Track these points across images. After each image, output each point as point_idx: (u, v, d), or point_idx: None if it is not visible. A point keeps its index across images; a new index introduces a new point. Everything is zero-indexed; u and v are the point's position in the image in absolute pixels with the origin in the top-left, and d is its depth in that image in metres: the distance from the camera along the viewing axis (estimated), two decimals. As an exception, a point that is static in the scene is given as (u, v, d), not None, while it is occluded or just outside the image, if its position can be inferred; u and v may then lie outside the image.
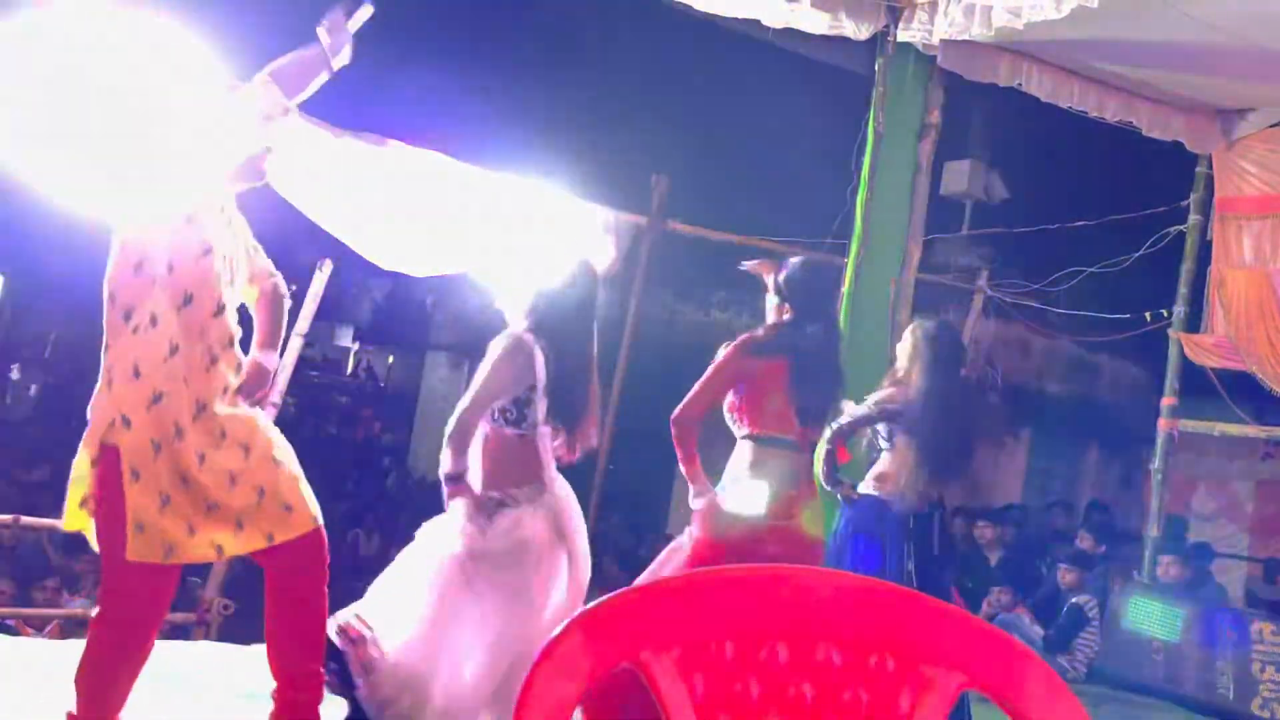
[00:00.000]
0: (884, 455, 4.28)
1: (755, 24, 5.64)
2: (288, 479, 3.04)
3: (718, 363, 3.78)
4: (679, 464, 3.73)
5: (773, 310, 3.95)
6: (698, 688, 1.60)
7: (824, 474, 4.18)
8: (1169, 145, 6.81)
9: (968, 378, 5.30)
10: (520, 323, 3.48)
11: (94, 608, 2.92)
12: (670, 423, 3.72)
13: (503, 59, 12.07)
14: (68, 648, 4.29)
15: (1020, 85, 6.13)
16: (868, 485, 4.26)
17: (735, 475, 3.73)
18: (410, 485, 14.04)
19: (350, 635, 3.29)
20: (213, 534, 2.89)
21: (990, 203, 11.03)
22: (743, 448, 3.76)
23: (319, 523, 3.06)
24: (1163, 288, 7.33)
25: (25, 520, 5.51)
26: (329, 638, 3.24)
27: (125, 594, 2.86)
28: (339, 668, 3.25)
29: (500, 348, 3.38)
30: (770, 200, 10.00)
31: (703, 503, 3.69)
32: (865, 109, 5.99)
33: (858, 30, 5.71)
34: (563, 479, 3.55)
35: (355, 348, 25.05)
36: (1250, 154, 6.86)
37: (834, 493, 4.25)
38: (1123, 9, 5.11)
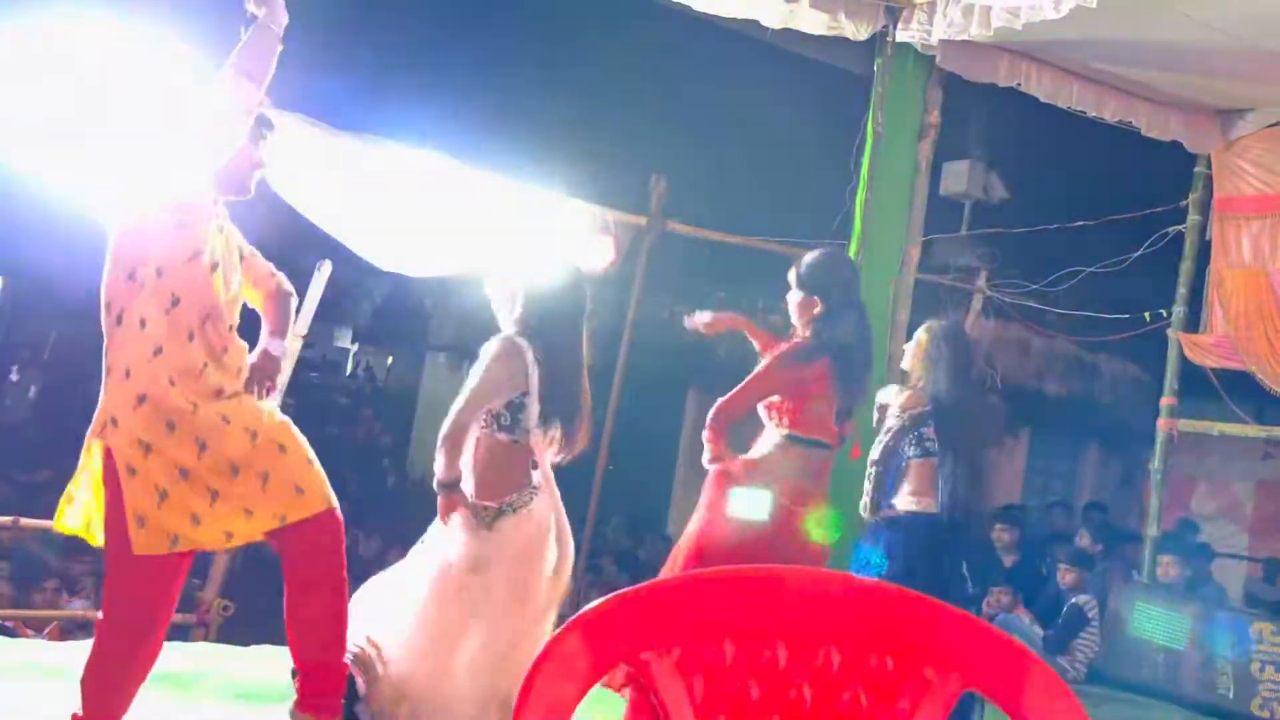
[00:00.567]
0: (913, 466, 4.07)
1: (754, 24, 5.63)
2: (298, 462, 3.05)
3: (764, 371, 3.77)
4: (706, 444, 3.73)
5: (796, 307, 3.91)
6: (698, 689, 1.60)
7: (870, 502, 4.05)
8: (1168, 145, 6.80)
9: (980, 378, 5.24)
10: (511, 325, 3.47)
11: (97, 610, 2.94)
12: (711, 414, 3.71)
13: (501, 59, 12.07)
14: (67, 649, 4.30)
15: (1019, 85, 6.12)
16: (907, 502, 4.04)
17: (759, 459, 3.74)
18: (410, 486, 14.06)
19: (362, 659, 3.29)
20: (220, 522, 2.92)
21: (989, 203, 11.04)
22: (775, 438, 3.76)
23: (333, 504, 3.07)
24: (1162, 288, 7.33)
25: (25, 522, 5.51)
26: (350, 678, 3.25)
27: (130, 592, 2.88)
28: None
29: (493, 351, 3.36)
30: (769, 201, 10.01)
31: (718, 466, 3.70)
32: (864, 109, 5.99)
33: (857, 30, 5.71)
34: (549, 475, 3.54)
35: (354, 349, 25.04)
36: (1249, 154, 6.86)
37: (876, 519, 4.06)
38: (1121, 9, 5.11)
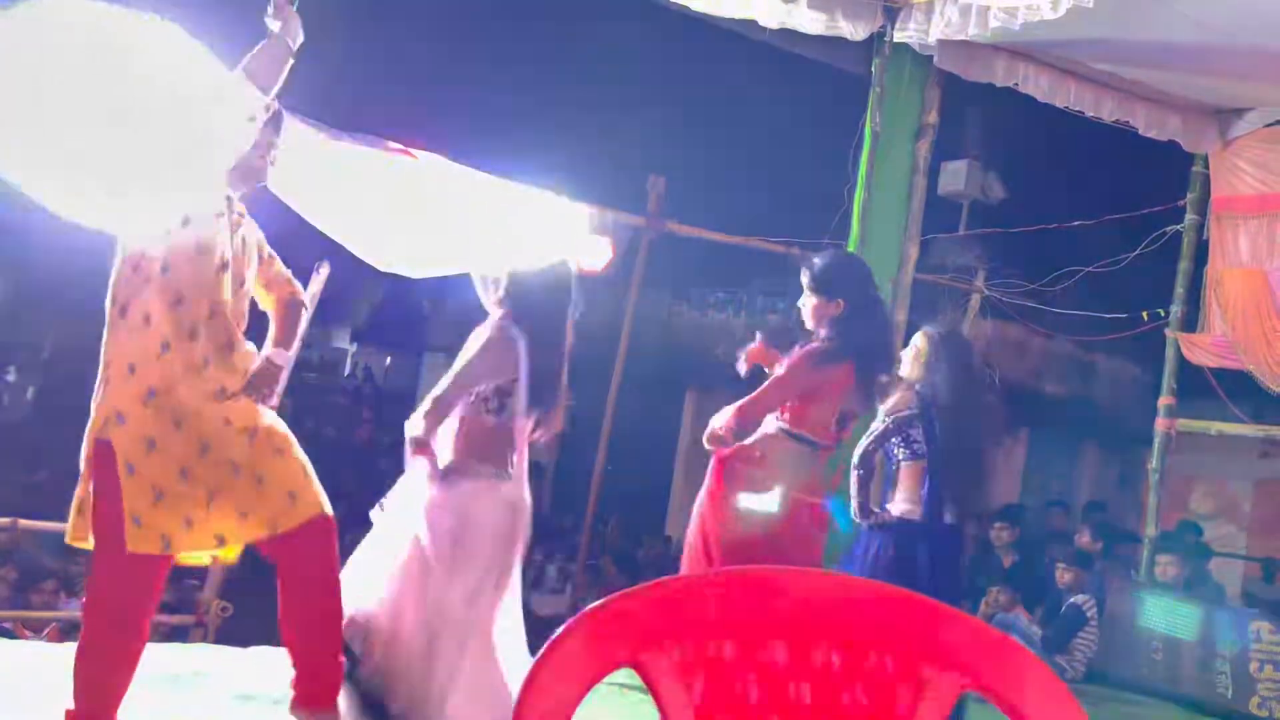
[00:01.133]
0: (904, 470, 4.07)
1: (752, 25, 5.63)
2: (294, 467, 3.05)
3: (787, 375, 3.73)
4: (719, 443, 3.72)
5: (810, 310, 3.87)
6: (697, 689, 1.60)
7: (857, 507, 4.01)
8: (1165, 145, 6.81)
9: (978, 381, 5.23)
10: (497, 312, 3.49)
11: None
12: (731, 417, 3.68)
13: (500, 60, 12.07)
14: (66, 650, 4.28)
15: (1017, 85, 6.13)
16: (898, 506, 4.03)
17: (754, 443, 3.74)
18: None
19: (352, 627, 3.31)
20: (214, 524, 2.91)
21: (987, 203, 11.04)
22: (770, 428, 3.76)
23: (326, 510, 3.07)
24: (1160, 287, 7.34)
25: (23, 523, 5.51)
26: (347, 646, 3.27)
27: (115, 589, 2.88)
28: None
29: (485, 337, 3.41)
30: (767, 201, 10.02)
31: (715, 447, 3.71)
32: (862, 109, 6.00)
33: (854, 31, 5.72)
34: (524, 466, 3.53)
35: (353, 349, 25.04)
36: (1246, 153, 6.87)
37: (866, 523, 4.03)
38: (1118, 9, 5.12)
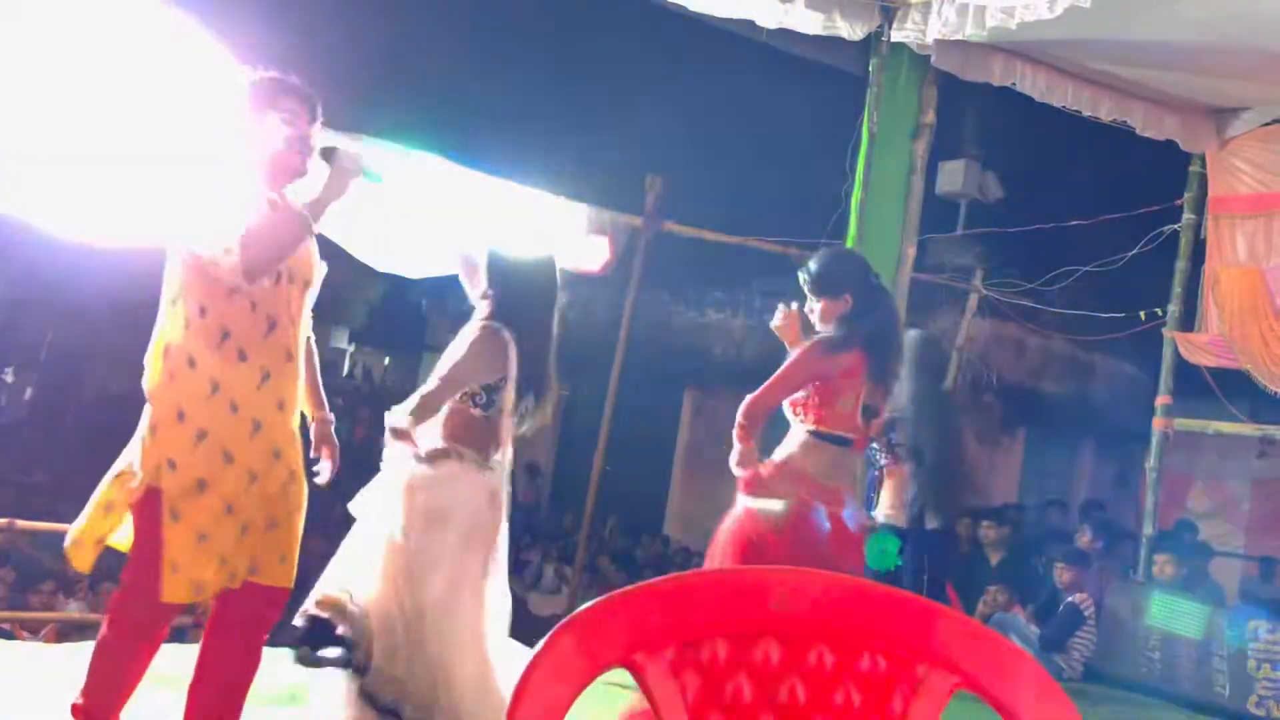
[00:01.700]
0: (888, 475, 4.13)
1: (749, 24, 5.64)
2: (296, 531, 3.01)
3: (794, 363, 3.71)
4: (736, 442, 3.68)
5: (820, 313, 3.84)
6: (690, 688, 1.61)
7: None
8: (1163, 144, 6.81)
9: (951, 386, 5.28)
10: (484, 308, 3.48)
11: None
12: (741, 412, 3.66)
13: (498, 60, 12.07)
14: (64, 651, 4.29)
15: (1014, 85, 6.13)
16: (882, 512, 4.08)
17: (786, 459, 3.69)
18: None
19: (333, 604, 3.27)
20: (236, 561, 2.86)
21: (985, 202, 11.05)
22: (798, 436, 3.71)
23: (290, 586, 3.02)
24: (1157, 287, 7.34)
25: (21, 524, 5.50)
26: (320, 616, 3.24)
27: (144, 619, 2.86)
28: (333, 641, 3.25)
29: (474, 337, 3.39)
30: (765, 200, 10.02)
31: (747, 472, 3.66)
32: (860, 109, 6.00)
33: (852, 30, 5.72)
34: (505, 468, 3.52)
35: (351, 349, 25.06)
36: (1244, 153, 6.87)
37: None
38: (1116, 9, 5.12)
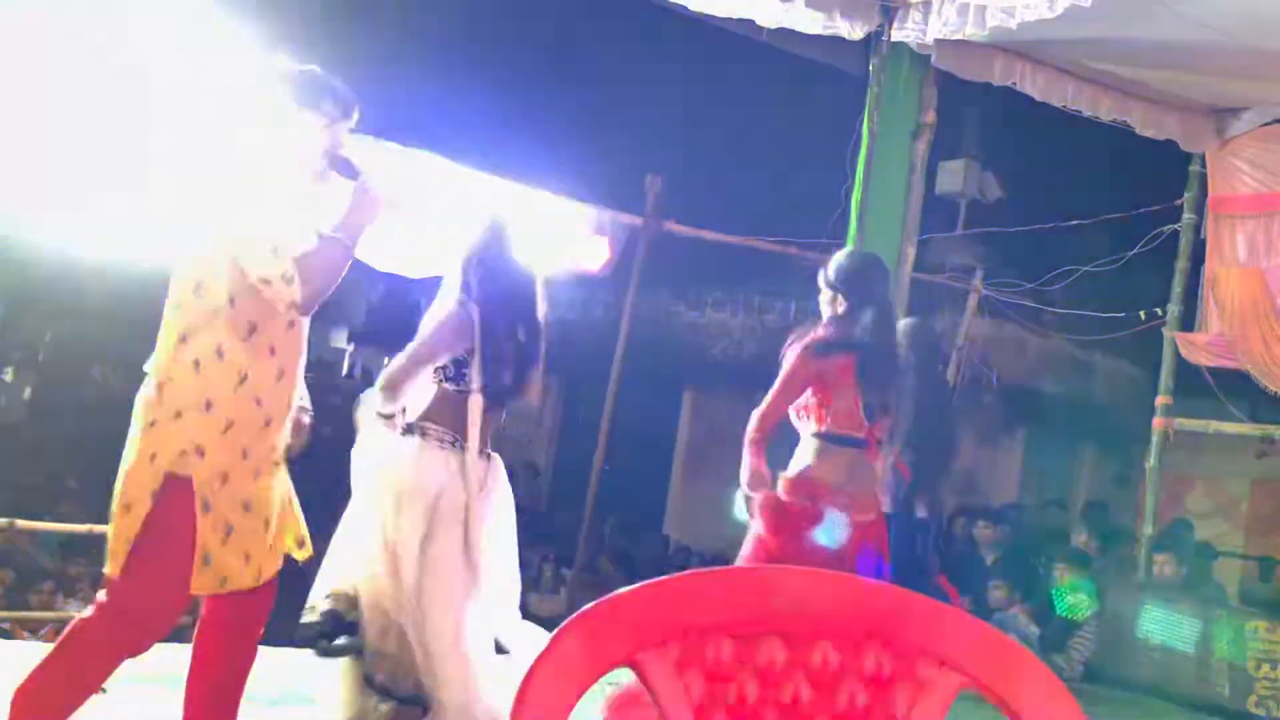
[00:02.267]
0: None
1: (749, 24, 5.64)
2: (283, 525, 2.97)
3: (790, 369, 3.74)
4: (746, 456, 3.69)
5: (826, 305, 3.91)
6: (695, 687, 1.60)
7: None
8: (1163, 144, 6.81)
9: (943, 375, 5.30)
10: (456, 287, 3.48)
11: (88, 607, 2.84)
12: (752, 426, 3.70)
13: (498, 59, 12.06)
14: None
15: (1014, 84, 6.13)
16: None
17: (800, 471, 3.70)
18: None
19: (344, 596, 3.32)
20: (262, 559, 2.84)
21: (985, 202, 11.04)
22: (809, 444, 3.74)
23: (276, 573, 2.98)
24: (1157, 286, 7.34)
25: (21, 523, 5.50)
26: (333, 611, 3.27)
27: (158, 616, 2.79)
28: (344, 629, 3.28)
29: (441, 312, 3.42)
30: (765, 200, 10.01)
31: (761, 495, 3.67)
32: (860, 109, 6.00)
33: (852, 30, 5.72)
34: (501, 470, 3.52)
35: (350, 349, 25.04)
36: (1244, 153, 6.87)
37: None
38: (1116, 9, 5.12)
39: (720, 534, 8.43)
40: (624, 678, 1.68)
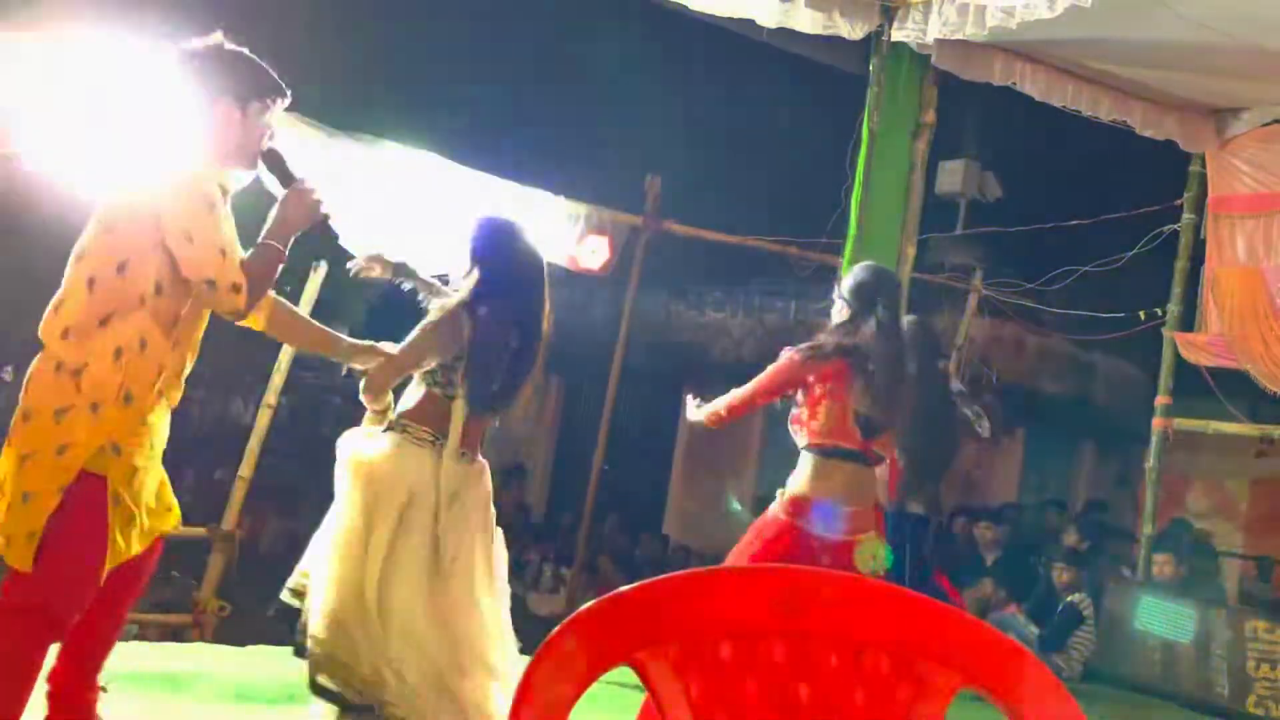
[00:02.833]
0: None
1: (749, 24, 5.64)
2: (164, 478, 2.92)
3: (776, 366, 3.75)
4: (704, 421, 3.82)
5: (837, 314, 3.92)
6: (694, 688, 1.60)
7: None
8: (1163, 144, 6.81)
9: (944, 372, 5.29)
10: (465, 288, 3.45)
11: None
12: (725, 404, 3.78)
13: (498, 59, 12.06)
14: (54, 651, 4.27)
15: (1014, 84, 6.13)
16: None
17: (800, 488, 3.67)
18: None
19: (302, 593, 3.28)
20: (132, 533, 2.75)
21: (985, 202, 11.03)
22: (805, 460, 3.71)
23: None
24: (1157, 286, 7.34)
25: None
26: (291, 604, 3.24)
27: (61, 604, 2.66)
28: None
29: (432, 316, 3.39)
30: (765, 200, 10.02)
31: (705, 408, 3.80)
32: (860, 108, 5.99)
33: (852, 30, 5.71)
34: (486, 477, 3.46)
35: (350, 349, 25.02)
36: (1244, 153, 6.87)
37: None
38: (1116, 8, 5.12)
39: (720, 534, 8.43)
40: (624, 677, 1.67)
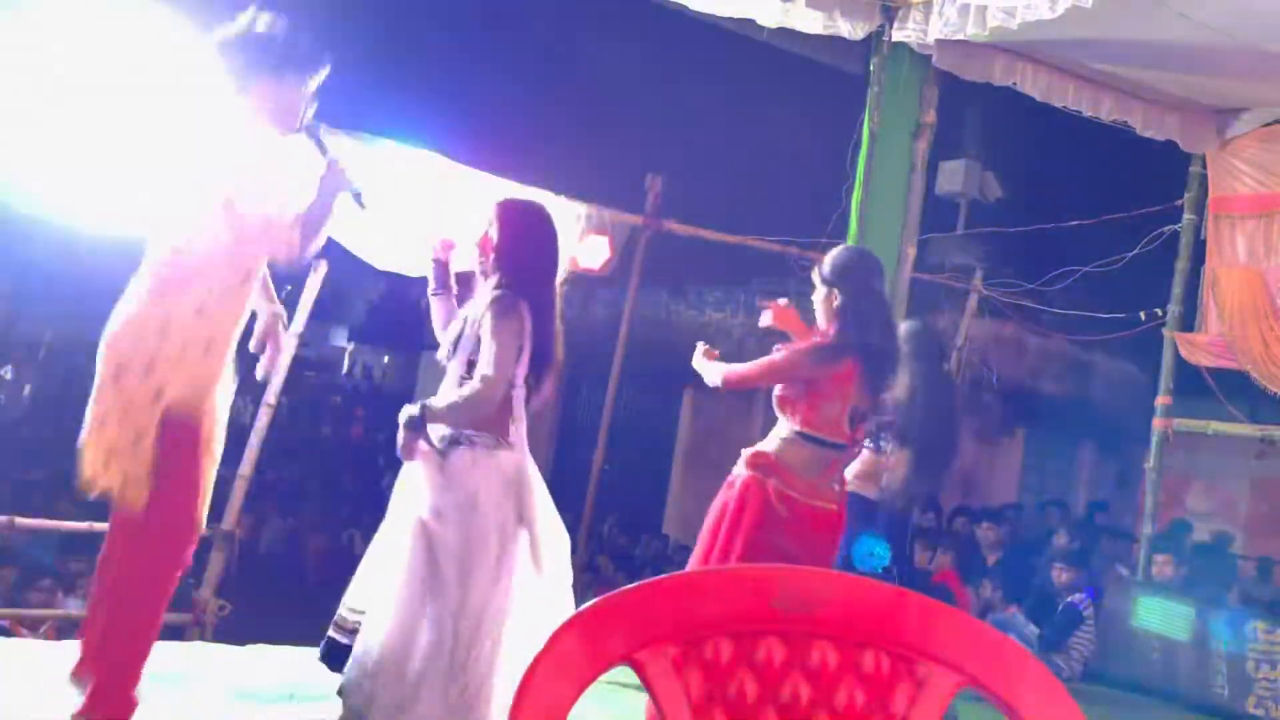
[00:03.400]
0: (864, 452, 4.26)
1: (750, 24, 5.64)
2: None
3: (783, 362, 3.73)
4: (707, 376, 3.86)
5: (821, 302, 3.89)
6: (693, 686, 1.60)
7: None
8: (1163, 144, 6.82)
9: (949, 375, 5.32)
10: (492, 279, 3.37)
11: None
12: (724, 378, 3.82)
13: (499, 58, 12.07)
14: (64, 649, 4.28)
15: (1015, 85, 6.14)
16: (851, 484, 4.10)
17: (769, 450, 3.70)
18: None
19: (347, 628, 3.26)
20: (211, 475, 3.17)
21: (985, 202, 11.05)
22: (785, 433, 3.72)
23: None
24: (1157, 287, 7.35)
25: (21, 521, 5.51)
26: (331, 636, 3.23)
27: (168, 553, 2.98)
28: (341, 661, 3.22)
29: (500, 313, 3.25)
30: (765, 200, 10.02)
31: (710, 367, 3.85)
32: (860, 109, 6.00)
33: (853, 30, 5.72)
34: (524, 434, 3.38)
35: (350, 348, 25.09)
36: (1244, 153, 6.88)
37: None
38: (1117, 9, 5.12)
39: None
40: (621, 679, 1.68)
